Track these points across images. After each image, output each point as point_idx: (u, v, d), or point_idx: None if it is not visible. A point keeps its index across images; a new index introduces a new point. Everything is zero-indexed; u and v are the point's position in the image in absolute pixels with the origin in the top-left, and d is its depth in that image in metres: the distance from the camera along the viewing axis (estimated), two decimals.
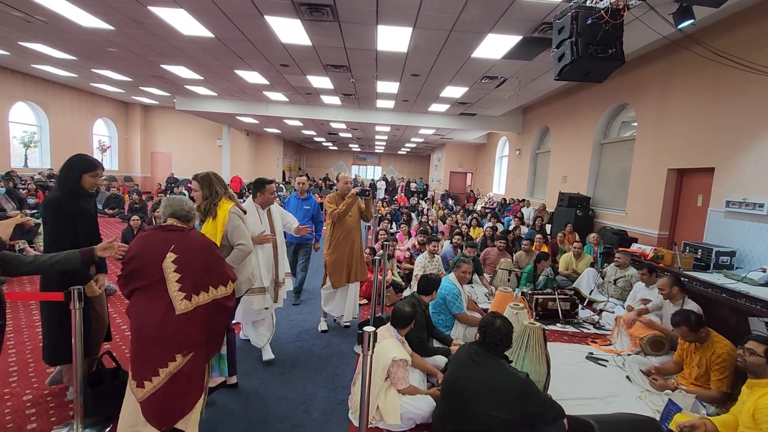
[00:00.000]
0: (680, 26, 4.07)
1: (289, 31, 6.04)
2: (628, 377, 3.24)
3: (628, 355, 3.55)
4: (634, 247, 5.50)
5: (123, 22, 6.14)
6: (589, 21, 3.89)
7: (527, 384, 2.09)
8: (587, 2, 4.01)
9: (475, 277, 5.41)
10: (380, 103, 11.44)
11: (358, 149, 27.53)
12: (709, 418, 2.27)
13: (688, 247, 5.10)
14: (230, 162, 16.45)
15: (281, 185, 17.03)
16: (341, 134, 18.81)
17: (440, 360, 3.11)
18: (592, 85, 8.19)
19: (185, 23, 5.99)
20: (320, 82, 9.19)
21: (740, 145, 5.06)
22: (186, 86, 10.87)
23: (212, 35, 6.47)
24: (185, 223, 2.17)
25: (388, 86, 9.24)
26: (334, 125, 15.41)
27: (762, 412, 2.03)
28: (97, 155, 15.18)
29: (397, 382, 2.54)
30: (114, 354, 2.72)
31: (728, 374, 2.75)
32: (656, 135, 6.56)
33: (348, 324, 4.22)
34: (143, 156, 16.99)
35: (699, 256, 4.90)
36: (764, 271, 4.43)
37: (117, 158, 16.15)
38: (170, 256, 2.00)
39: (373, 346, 1.93)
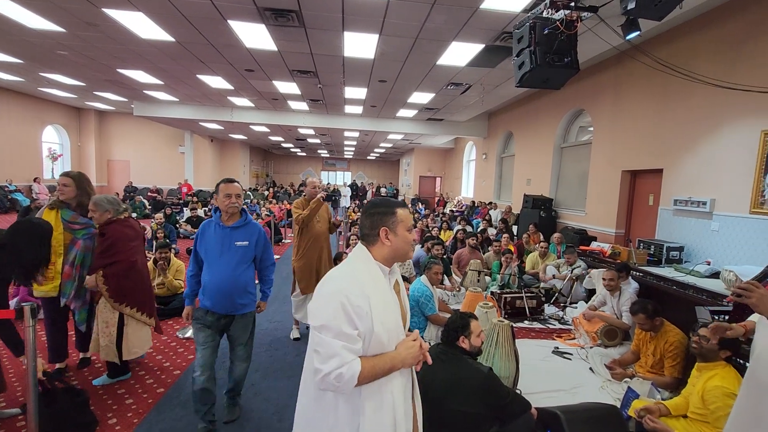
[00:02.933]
0: (628, 37, 4.36)
1: (254, 36, 5.96)
2: (591, 369, 3.40)
3: (591, 347, 3.73)
4: (594, 245, 5.79)
5: (75, 24, 5.85)
6: (546, 31, 4.09)
7: (490, 377, 2.16)
8: (544, 13, 4.21)
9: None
10: (348, 109, 11.47)
11: (327, 155, 27.39)
12: (663, 402, 2.43)
13: (642, 244, 5.43)
14: (194, 169, 15.91)
15: (248, 192, 16.65)
16: (309, 140, 18.67)
17: None
18: (552, 92, 8.58)
19: (143, 26, 5.79)
20: (287, 87, 9.11)
21: (685, 147, 5.46)
22: (145, 91, 10.45)
23: (173, 39, 6.28)
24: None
25: (355, 92, 9.28)
26: (302, 131, 15.27)
27: (710, 393, 2.19)
28: (47, 164, 14.29)
29: None
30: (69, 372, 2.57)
31: (680, 361, 2.95)
32: (611, 139, 6.96)
33: None
34: (99, 164, 16.13)
35: (652, 252, 5.22)
36: (709, 264, 4.79)
37: (70, 167, 15.25)
38: None
39: None
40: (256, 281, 2.66)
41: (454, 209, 13.74)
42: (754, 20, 4.59)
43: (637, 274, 4.77)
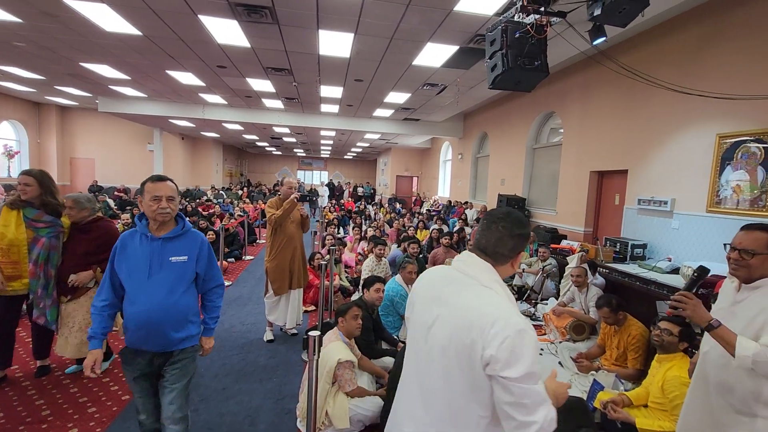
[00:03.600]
0: (595, 43, 4.51)
1: (226, 31, 5.82)
2: (560, 363, 3.51)
3: (560, 342, 3.85)
4: (564, 243, 5.98)
5: (33, 14, 5.54)
6: (517, 35, 4.19)
7: None
8: (515, 17, 4.31)
9: None
10: (324, 108, 11.38)
11: (304, 154, 27.09)
12: (625, 393, 2.53)
13: (608, 242, 5.65)
14: (163, 168, 15.38)
15: (221, 192, 16.26)
16: (285, 139, 18.41)
17: (388, 361, 3.15)
18: (524, 94, 8.79)
19: (108, 19, 5.55)
20: (261, 85, 8.95)
21: (648, 149, 5.71)
22: (110, 86, 10.02)
23: (140, 33, 6.05)
24: None
25: (331, 91, 9.22)
26: (277, 129, 15.04)
27: (669, 383, 2.30)
28: (2, 162, 13.48)
29: (345, 384, 2.53)
30: None
31: (642, 353, 3.09)
32: (579, 140, 7.20)
33: (295, 332, 4.13)
34: (61, 162, 15.35)
35: (617, 250, 5.44)
36: (670, 260, 5.03)
37: (28, 165, 14.43)
38: None
39: (319, 350, 1.92)
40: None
41: (430, 209, 13.88)
42: (709, 30, 4.86)
43: (604, 270, 4.96)
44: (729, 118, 4.63)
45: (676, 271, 4.76)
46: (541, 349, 3.81)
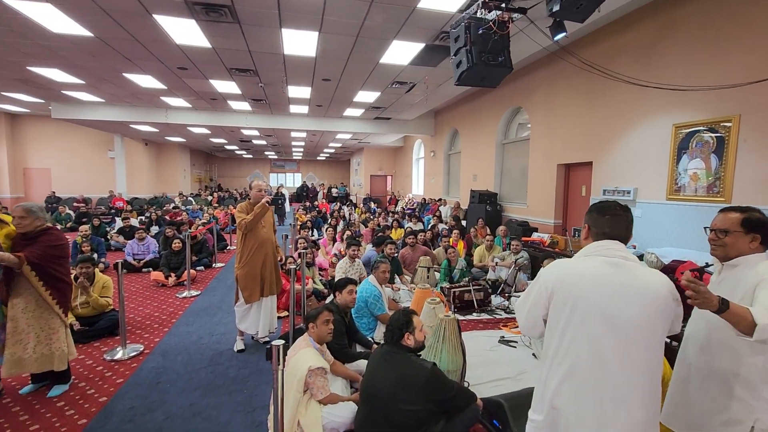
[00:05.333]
0: (556, 38, 4.60)
1: (184, 31, 5.59)
2: (534, 354, 3.55)
3: None
4: (535, 236, 6.08)
5: None
6: (480, 31, 4.21)
7: (434, 372, 2.16)
8: (477, 14, 4.34)
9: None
10: (293, 108, 11.19)
11: (276, 156, 26.62)
12: None
13: (576, 232, 5.79)
14: (126, 176, 14.73)
15: (189, 198, 15.74)
16: (255, 141, 18.01)
17: (363, 364, 3.08)
18: (492, 90, 8.92)
19: (54, 20, 5.22)
20: (226, 86, 8.69)
21: (610, 140, 5.88)
22: (63, 91, 9.48)
23: (91, 34, 5.73)
24: None
25: (299, 91, 9.06)
26: (245, 132, 14.69)
27: None
28: None
29: (317, 392, 2.45)
30: None
31: None
32: (546, 134, 7.35)
33: (267, 339, 4.00)
34: (13, 173, 14.44)
35: None
36: (635, 248, 5.20)
37: None
38: None
39: (284, 360, 1.84)
40: None
41: (405, 207, 13.90)
42: (663, 24, 5.04)
43: None
44: (684, 108, 4.83)
45: (640, 257, 4.91)
46: (515, 342, 3.84)
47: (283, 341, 1.83)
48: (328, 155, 25.32)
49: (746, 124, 4.19)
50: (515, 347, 3.76)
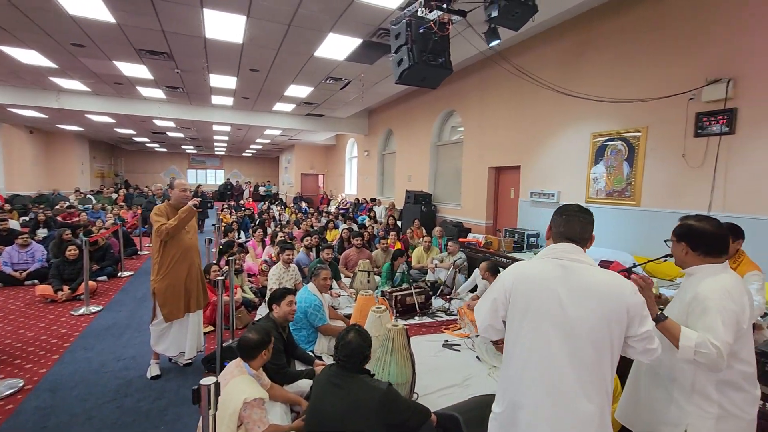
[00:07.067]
0: (491, 44, 4.72)
1: (80, 1, 4.72)
2: (478, 357, 3.55)
3: (476, 336, 3.91)
4: (471, 237, 6.23)
5: None
6: (422, 30, 4.13)
7: (389, 393, 2.00)
8: (419, 12, 4.26)
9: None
10: (216, 100, 10.26)
11: (195, 151, 24.48)
12: None
13: (507, 233, 6.03)
14: (4, 169, 12.34)
15: (89, 196, 13.74)
16: (170, 134, 16.31)
17: (305, 384, 2.79)
18: (427, 92, 9.03)
19: None
20: (134, 70, 7.62)
21: (536, 146, 6.24)
22: None
23: None
24: None
25: (223, 81, 8.30)
26: (158, 123, 13.19)
27: None
28: None
29: (254, 426, 2.12)
30: None
31: None
32: (479, 138, 7.61)
33: (190, 361, 3.49)
34: None
35: (516, 240, 5.83)
36: None
37: None
38: None
39: (216, 402, 1.51)
40: None
41: (338, 207, 13.59)
42: (584, 39, 5.44)
43: (505, 260, 5.25)
44: (600, 118, 5.25)
45: None
46: (459, 345, 3.83)
47: (213, 379, 1.50)
48: (255, 151, 23.93)
49: (653, 135, 4.67)
50: (459, 350, 3.74)
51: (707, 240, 1.60)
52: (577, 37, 5.52)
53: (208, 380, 1.48)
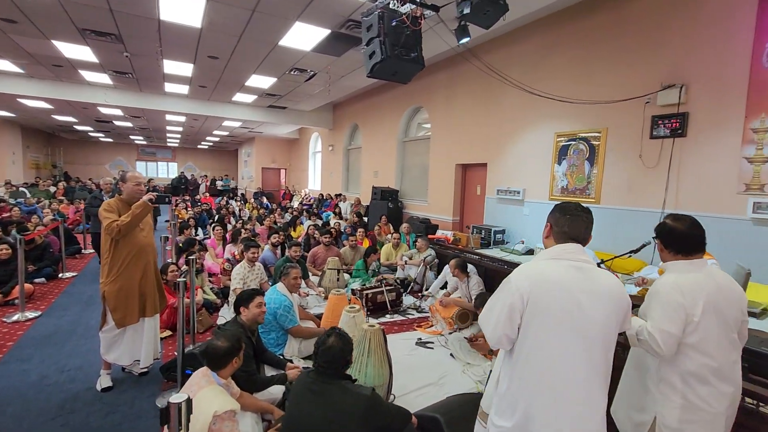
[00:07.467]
0: (460, 42, 4.72)
1: None
2: (451, 354, 3.55)
3: (450, 333, 3.92)
4: (440, 233, 6.26)
5: None
6: (394, 23, 4.06)
7: (373, 399, 1.94)
8: (390, 4, 4.17)
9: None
10: (170, 87, 9.60)
11: (145, 142, 22.93)
12: None
13: (475, 229, 6.13)
14: None
15: (22, 189, 12.48)
16: (117, 123, 15.15)
17: (276, 390, 2.64)
18: (394, 87, 8.96)
19: None
20: (76, 51, 6.94)
21: (502, 144, 6.36)
22: None
23: None
24: None
25: (178, 67, 7.77)
26: (104, 111, 12.18)
27: None
28: None
29: None
30: None
31: None
32: (446, 135, 7.66)
33: (146, 370, 3.21)
34: None
35: (483, 236, 5.94)
36: (523, 243, 5.70)
37: None
38: None
39: (187, 421, 1.35)
40: None
41: (302, 202, 13.26)
42: (550, 41, 5.59)
43: (474, 257, 5.32)
44: (564, 119, 5.43)
45: (530, 252, 5.41)
46: (432, 343, 3.81)
47: (184, 396, 1.34)
48: (211, 144, 22.81)
49: (612, 136, 4.89)
50: (432, 348, 3.73)
51: (677, 238, 1.69)
52: (544, 38, 5.66)
53: (178, 397, 1.32)
